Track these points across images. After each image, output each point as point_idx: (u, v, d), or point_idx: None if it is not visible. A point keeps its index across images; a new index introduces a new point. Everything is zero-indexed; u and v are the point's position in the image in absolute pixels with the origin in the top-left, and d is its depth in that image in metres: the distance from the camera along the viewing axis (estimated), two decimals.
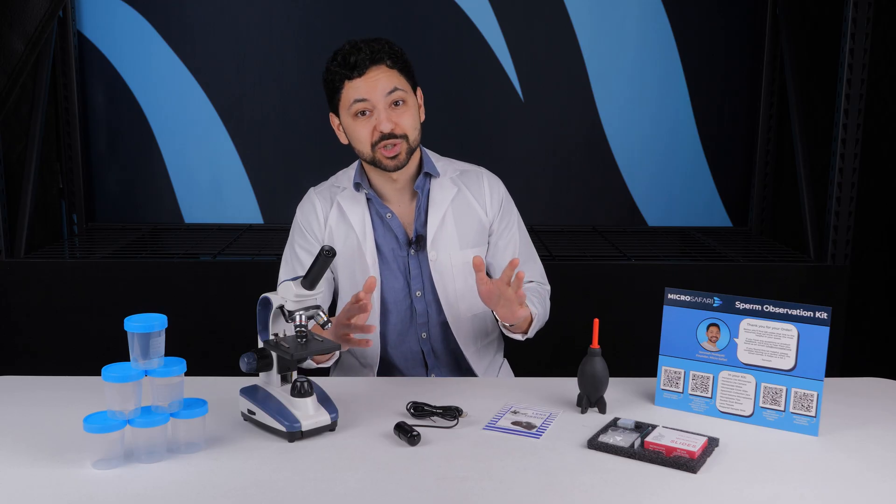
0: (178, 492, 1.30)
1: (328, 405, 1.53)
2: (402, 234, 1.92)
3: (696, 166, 3.41)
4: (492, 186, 1.98)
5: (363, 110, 1.81)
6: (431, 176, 1.93)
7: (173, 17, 3.27)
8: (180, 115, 3.33)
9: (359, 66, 1.79)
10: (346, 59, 1.80)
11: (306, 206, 1.97)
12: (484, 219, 1.96)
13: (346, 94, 1.82)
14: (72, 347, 2.71)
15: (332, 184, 1.98)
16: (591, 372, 1.60)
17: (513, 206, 2.02)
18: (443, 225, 1.91)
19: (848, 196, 2.74)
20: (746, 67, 3.34)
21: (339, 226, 1.92)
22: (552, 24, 3.30)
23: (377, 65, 1.80)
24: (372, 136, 1.81)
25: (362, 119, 1.81)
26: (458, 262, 1.92)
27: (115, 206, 3.40)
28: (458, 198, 1.94)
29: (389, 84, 1.80)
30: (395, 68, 1.82)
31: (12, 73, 2.68)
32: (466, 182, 1.97)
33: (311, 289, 1.51)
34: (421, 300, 1.94)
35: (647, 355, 1.78)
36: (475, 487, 1.32)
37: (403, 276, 1.93)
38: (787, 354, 1.56)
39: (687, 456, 1.40)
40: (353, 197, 1.93)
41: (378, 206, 1.92)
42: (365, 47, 1.80)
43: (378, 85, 1.79)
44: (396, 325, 1.95)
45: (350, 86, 1.80)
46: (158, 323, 1.41)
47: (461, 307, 1.93)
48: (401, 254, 1.93)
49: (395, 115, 1.81)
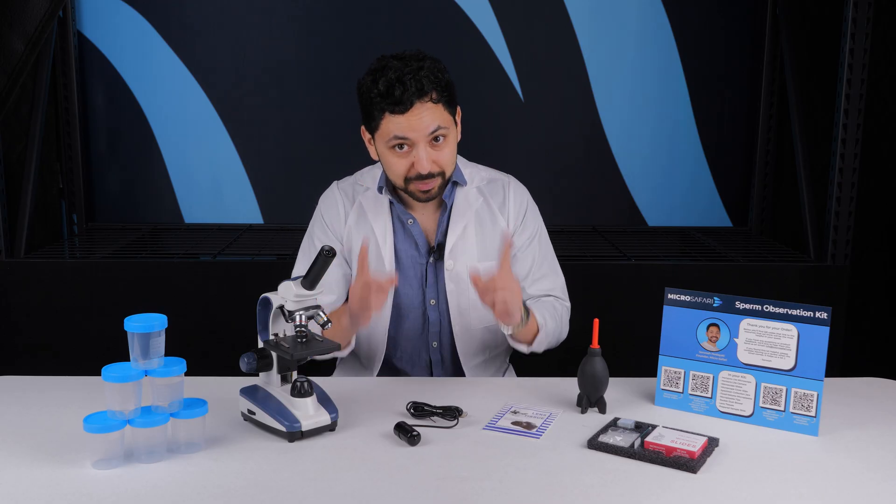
0: (178, 492, 1.30)
1: (328, 405, 1.53)
2: (423, 242, 1.89)
3: (696, 166, 3.41)
4: (517, 199, 1.95)
5: (402, 144, 1.75)
6: (458, 184, 1.90)
7: (173, 17, 3.27)
8: (180, 115, 3.33)
9: (403, 103, 1.69)
10: (391, 90, 1.69)
11: (329, 199, 1.94)
12: (506, 230, 1.92)
13: (387, 126, 1.74)
14: (72, 347, 2.71)
15: (357, 181, 1.95)
16: (591, 372, 1.60)
17: (536, 216, 1.99)
18: (464, 235, 1.89)
19: (848, 196, 2.74)
20: (746, 67, 3.34)
21: (358, 226, 1.90)
22: (552, 24, 3.30)
23: (422, 100, 1.71)
24: (408, 171, 1.76)
25: (400, 153, 1.76)
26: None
27: (115, 206, 3.40)
28: (482, 209, 1.91)
29: (433, 122, 1.73)
30: (441, 102, 1.74)
31: (12, 73, 2.68)
32: (492, 192, 1.94)
33: (311, 289, 1.51)
34: (435, 309, 1.91)
35: (647, 355, 1.78)
36: (475, 487, 1.32)
37: (420, 284, 1.91)
38: (787, 354, 1.56)
39: (687, 456, 1.40)
40: (375, 199, 1.90)
41: (400, 212, 1.89)
42: (410, 81, 1.69)
43: (421, 124, 1.72)
44: (408, 332, 1.93)
45: (391, 119, 1.72)
46: (158, 323, 1.41)
47: (472, 318, 1.90)
48: (419, 261, 1.90)
49: (435, 152, 1.75)
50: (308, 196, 2.07)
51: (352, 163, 2.11)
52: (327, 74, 3.29)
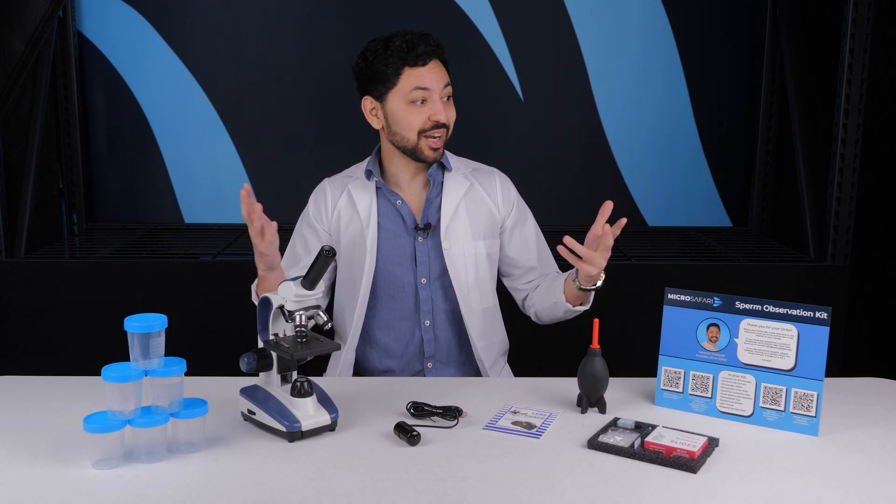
0: (178, 492, 1.30)
1: (328, 405, 1.53)
2: (412, 221, 1.97)
3: (696, 166, 3.41)
4: (504, 185, 2.06)
5: (422, 98, 1.88)
6: (445, 169, 1.99)
7: (173, 17, 3.27)
8: (180, 115, 3.33)
9: (423, 56, 1.87)
10: (413, 46, 1.86)
11: (318, 193, 2.06)
12: (496, 214, 2.02)
13: (407, 80, 1.87)
14: (72, 347, 2.71)
15: (346, 174, 2.07)
16: (591, 372, 1.60)
17: (524, 203, 2.09)
18: (456, 215, 1.97)
19: (848, 196, 2.74)
20: (746, 67, 3.34)
21: (346, 210, 2.00)
22: (552, 24, 3.30)
23: (436, 58, 1.90)
24: (424, 123, 1.88)
25: (418, 106, 1.88)
26: (471, 253, 1.97)
27: (115, 206, 3.40)
28: (471, 192, 2.01)
29: (445, 78, 1.91)
30: (445, 65, 1.93)
31: (12, 73, 2.68)
32: (479, 179, 2.04)
33: (311, 289, 1.51)
34: (426, 287, 1.97)
35: (647, 355, 1.78)
36: (475, 487, 1.32)
37: (410, 264, 1.97)
38: (787, 354, 1.56)
39: (687, 456, 1.40)
40: (363, 185, 2.00)
41: (388, 194, 1.98)
42: (428, 39, 1.89)
43: (439, 76, 1.89)
44: (401, 312, 1.98)
45: (412, 73, 1.87)
46: (158, 323, 1.41)
47: (473, 298, 1.98)
48: (408, 239, 1.96)
49: (447, 108, 1.91)
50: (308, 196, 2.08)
51: (351, 164, 2.11)
52: (327, 74, 3.28)
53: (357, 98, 1.96)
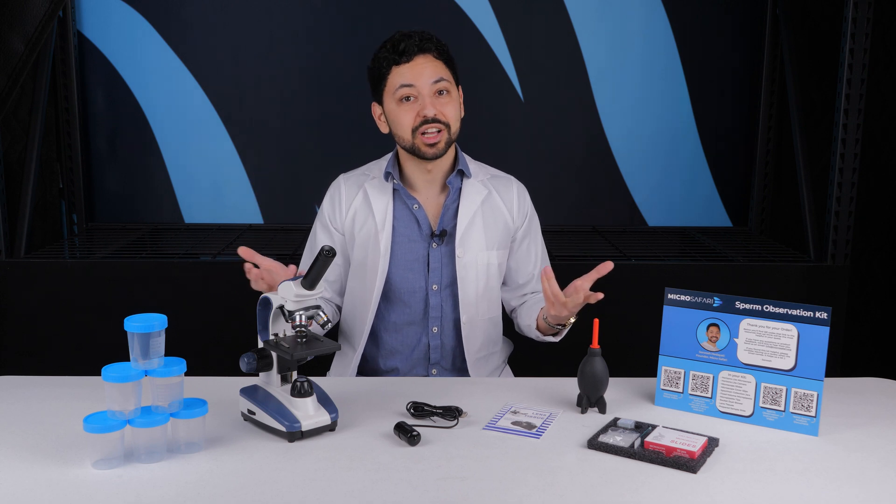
0: (178, 492, 1.30)
1: (328, 405, 1.53)
2: (427, 226, 1.95)
3: (696, 166, 3.41)
4: (521, 195, 2.04)
5: (408, 96, 1.86)
6: (464, 175, 1.97)
7: (173, 18, 3.27)
8: (180, 115, 3.33)
9: (407, 53, 1.85)
10: (396, 45, 1.86)
11: (333, 191, 2.02)
12: (510, 224, 2.00)
13: (393, 79, 1.87)
14: (72, 347, 2.71)
15: (363, 172, 2.03)
16: (591, 372, 1.60)
17: (536, 216, 2.08)
18: (472, 224, 1.95)
19: (848, 196, 2.74)
20: (746, 68, 3.34)
21: (361, 211, 1.97)
22: (552, 25, 3.30)
23: (424, 53, 1.86)
24: (414, 120, 1.86)
25: (406, 105, 1.87)
26: (483, 262, 1.96)
27: (115, 206, 3.40)
28: (488, 200, 1.98)
29: (435, 73, 1.86)
30: (441, 59, 1.88)
31: (12, 73, 2.68)
32: (497, 187, 2.01)
33: (311, 289, 1.51)
34: (436, 294, 1.96)
35: (647, 355, 1.78)
36: (475, 487, 1.32)
37: (423, 269, 1.95)
38: (787, 354, 1.56)
39: (687, 456, 1.40)
40: (380, 186, 1.96)
41: (405, 197, 1.95)
42: (415, 35, 1.87)
43: (424, 72, 1.85)
44: (409, 317, 1.97)
45: (397, 71, 1.86)
46: (158, 323, 1.41)
47: (479, 308, 1.96)
48: (422, 245, 1.95)
49: (439, 103, 1.87)
50: (308, 196, 2.08)
51: (352, 163, 2.11)
52: (327, 74, 3.29)
53: (355, 97, 1.96)
